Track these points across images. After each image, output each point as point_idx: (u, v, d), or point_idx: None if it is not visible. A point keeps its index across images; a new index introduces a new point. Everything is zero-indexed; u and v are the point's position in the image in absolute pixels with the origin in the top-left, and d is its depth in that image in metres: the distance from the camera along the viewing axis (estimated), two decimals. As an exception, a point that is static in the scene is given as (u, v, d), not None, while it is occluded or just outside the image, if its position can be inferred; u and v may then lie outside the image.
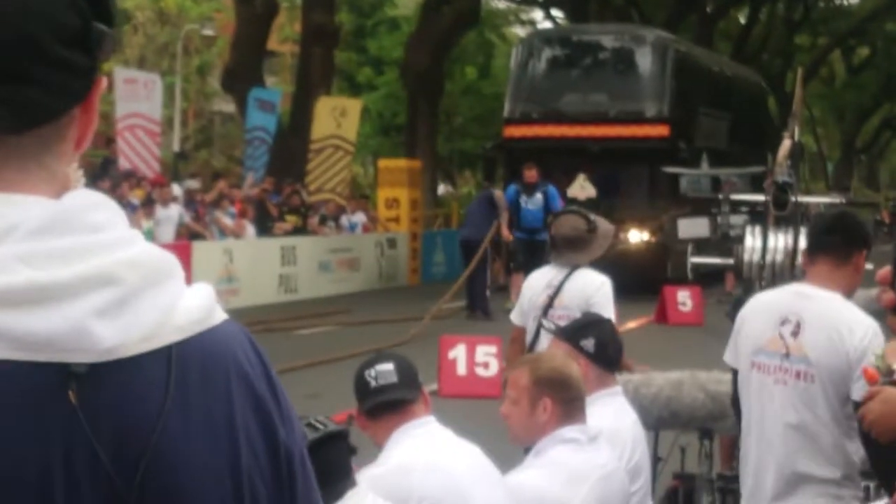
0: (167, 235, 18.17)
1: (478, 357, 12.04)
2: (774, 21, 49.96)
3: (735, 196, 9.70)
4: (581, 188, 22.53)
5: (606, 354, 4.90)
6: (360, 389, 3.80)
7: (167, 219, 18.68)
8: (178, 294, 1.25)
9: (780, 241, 8.78)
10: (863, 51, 58.95)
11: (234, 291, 18.81)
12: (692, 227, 10.21)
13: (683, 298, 18.37)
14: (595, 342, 4.86)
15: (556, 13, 43.83)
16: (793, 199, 8.77)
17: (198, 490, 1.23)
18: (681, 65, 24.31)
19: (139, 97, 21.52)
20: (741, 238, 8.69)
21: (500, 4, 48.20)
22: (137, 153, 21.42)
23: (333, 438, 2.72)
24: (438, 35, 30.26)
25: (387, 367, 3.78)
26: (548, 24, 43.60)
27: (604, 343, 4.90)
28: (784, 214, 8.71)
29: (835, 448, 4.37)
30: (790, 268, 8.42)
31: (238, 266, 19.35)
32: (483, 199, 19.85)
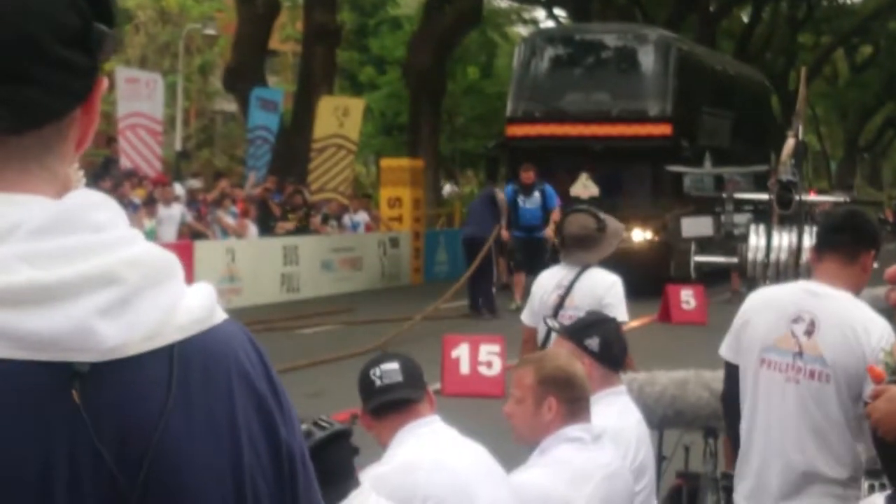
0: (169, 235, 18.17)
1: (481, 356, 12.01)
2: (777, 20, 49.95)
3: (739, 195, 9.69)
4: (584, 187, 22.51)
5: (611, 354, 4.88)
6: (365, 389, 3.79)
7: (169, 218, 18.69)
8: (179, 293, 1.25)
9: (784, 240, 8.76)
10: (866, 49, 58.95)
11: (237, 291, 18.81)
12: (696, 226, 10.21)
13: (687, 297, 18.35)
14: (600, 341, 4.85)
15: (559, 12, 43.84)
16: (797, 198, 8.76)
17: (200, 489, 1.23)
18: (683, 64, 24.28)
19: (141, 96, 21.53)
20: (745, 237, 8.68)
21: (503, 3, 48.24)
22: (139, 152, 21.42)
23: (338, 438, 2.71)
24: (441, 34, 30.25)
25: (392, 367, 3.76)
26: (550, 24, 43.60)
27: (608, 342, 4.88)
28: (788, 213, 8.70)
29: (845, 448, 4.35)
30: (794, 266, 8.40)
31: (240, 265, 19.35)
32: (485, 198, 19.82)
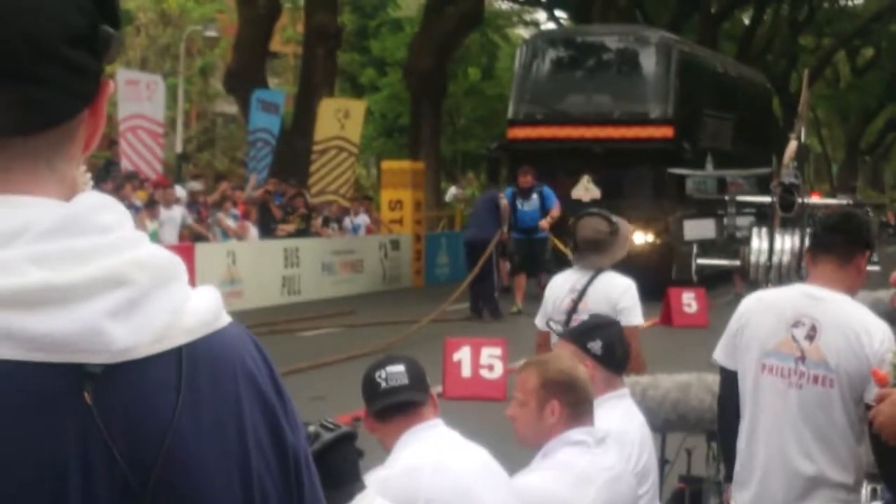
0: (170, 237, 18.16)
1: (482, 359, 12.00)
2: (779, 22, 49.94)
3: (741, 197, 9.67)
4: (585, 190, 22.51)
5: (614, 356, 4.87)
6: (370, 391, 3.78)
7: (170, 220, 18.68)
8: (185, 296, 1.26)
9: (787, 243, 8.74)
10: (867, 52, 58.97)
11: (238, 293, 18.79)
12: (698, 229, 10.19)
13: (688, 300, 18.34)
14: (602, 344, 4.84)
15: (560, 14, 43.86)
16: (799, 201, 8.75)
17: (210, 490, 1.23)
18: (685, 66, 24.27)
19: (141, 98, 21.52)
20: (747, 239, 8.67)
21: (504, 5, 48.28)
22: (140, 155, 21.42)
23: (345, 440, 2.71)
24: (442, 36, 30.24)
25: (397, 369, 3.76)
26: (551, 25, 43.63)
27: (611, 345, 4.87)
28: (790, 216, 8.68)
29: (849, 452, 4.34)
30: (797, 269, 8.39)
31: (241, 268, 19.34)
32: (488, 201, 19.79)
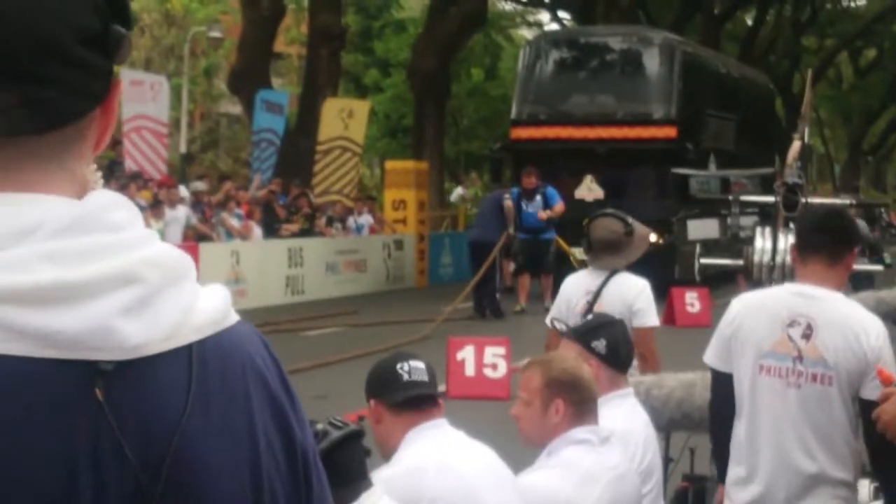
0: (174, 237, 18.18)
1: (486, 358, 12.01)
2: (782, 22, 49.91)
3: (745, 197, 9.66)
4: (588, 190, 22.52)
5: (618, 356, 4.88)
6: (390, 382, 3.75)
7: (174, 220, 18.71)
8: (195, 294, 1.26)
9: (791, 242, 8.74)
10: (870, 53, 58.92)
11: (242, 293, 18.80)
12: (702, 229, 10.19)
13: (691, 300, 18.34)
14: (606, 343, 4.85)
15: (563, 15, 43.85)
16: (802, 201, 8.74)
17: (220, 487, 1.23)
18: (688, 66, 24.26)
19: (146, 99, 21.55)
20: (751, 239, 8.66)
21: (507, 6, 48.29)
22: (144, 155, 21.44)
23: (353, 438, 2.71)
24: (445, 37, 30.24)
25: (419, 365, 3.77)
26: (554, 26, 43.63)
27: (615, 344, 4.88)
28: (794, 215, 8.68)
29: (849, 449, 4.35)
30: (800, 269, 8.39)
31: (245, 267, 19.35)
32: (493, 202, 19.79)
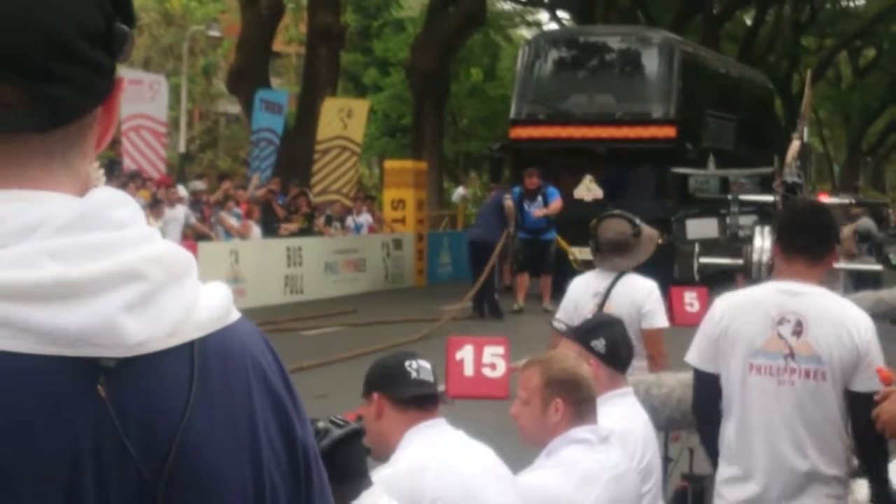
0: (173, 236, 18.17)
1: (485, 358, 12.00)
2: (781, 22, 49.92)
3: (744, 197, 9.66)
4: (587, 190, 22.51)
5: (617, 355, 4.88)
6: (397, 377, 3.74)
7: (173, 219, 18.72)
8: (197, 291, 1.28)
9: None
10: (869, 53, 58.92)
11: (241, 292, 18.79)
12: (701, 228, 10.20)
13: (690, 299, 18.34)
14: (606, 343, 4.85)
15: (562, 14, 43.85)
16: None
17: (222, 484, 1.24)
18: (687, 66, 24.26)
19: (144, 98, 21.54)
20: (750, 239, 8.66)
21: (506, 6, 48.28)
22: (143, 154, 21.44)
23: (354, 436, 2.71)
24: (444, 36, 30.25)
25: (426, 365, 3.78)
26: (554, 26, 43.62)
27: (614, 344, 4.88)
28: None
29: (842, 445, 4.38)
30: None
31: (244, 267, 19.35)
32: (494, 202, 19.80)
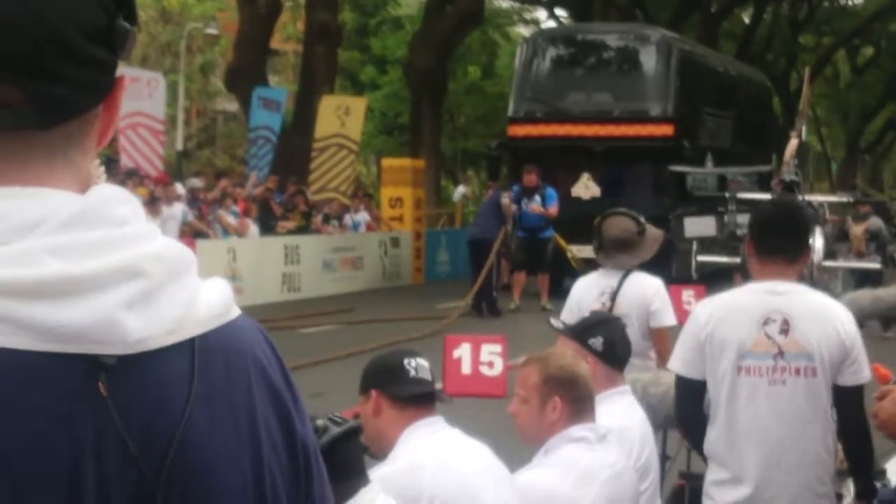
0: (171, 234, 18.08)
1: (482, 356, 12.00)
2: (779, 20, 49.93)
3: (741, 195, 9.66)
4: (585, 188, 22.52)
5: (615, 353, 4.89)
6: (396, 375, 3.73)
7: (171, 217, 18.71)
8: (197, 288, 1.28)
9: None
10: (867, 51, 58.91)
11: (238, 290, 18.78)
12: (699, 226, 10.21)
13: (688, 298, 18.32)
14: (603, 341, 4.85)
15: (560, 12, 43.86)
16: (800, 198, 8.75)
17: (222, 480, 1.24)
18: (685, 64, 24.27)
19: (142, 96, 21.53)
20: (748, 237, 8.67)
21: (504, 4, 48.25)
22: (140, 151, 21.44)
23: (352, 434, 2.71)
24: (442, 34, 30.25)
25: (424, 363, 3.78)
26: (551, 24, 43.61)
27: (612, 342, 4.88)
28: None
29: (834, 439, 4.40)
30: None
31: (241, 265, 19.35)
32: (492, 201, 19.81)
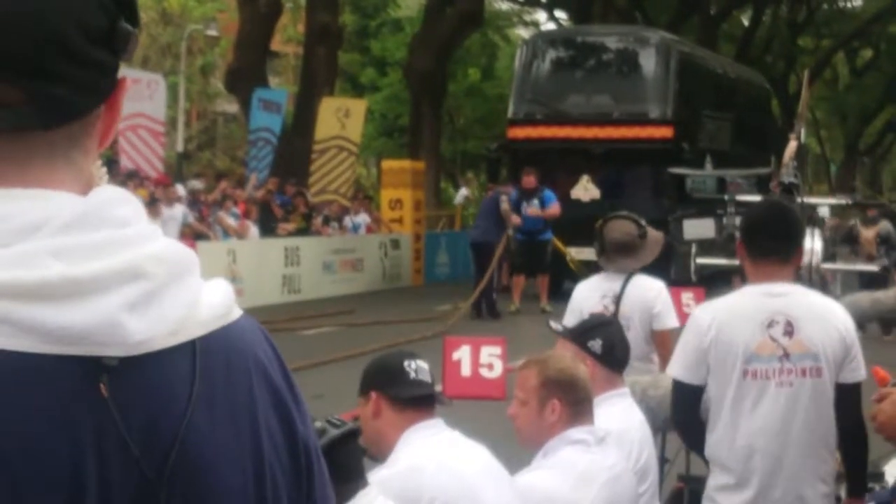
0: (171, 236, 17.90)
1: (482, 358, 11.99)
2: (778, 23, 49.93)
3: (741, 197, 9.66)
4: (584, 190, 22.52)
5: (614, 355, 4.89)
6: (396, 377, 3.74)
7: (171, 219, 18.70)
8: (199, 289, 1.28)
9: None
10: (866, 53, 58.89)
11: (238, 292, 18.60)
12: (698, 228, 10.19)
13: (687, 300, 18.31)
14: (602, 343, 4.86)
15: (560, 14, 43.84)
16: (798, 201, 8.74)
17: (224, 481, 1.25)
18: (684, 66, 24.26)
19: (142, 97, 21.53)
20: (744, 238, 8.68)
21: (504, 6, 48.25)
22: (140, 153, 21.44)
23: (351, 436, 2.71)
24: (442, 36, 30.25)
25: (424, 366, 3.78)
26: (551, 26, 43.61)
27: (611, 344, 4.89)
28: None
29: (833, 437, 4.41)
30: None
31: (242, 266, 19.35)
32: (491, 202, 19.78)
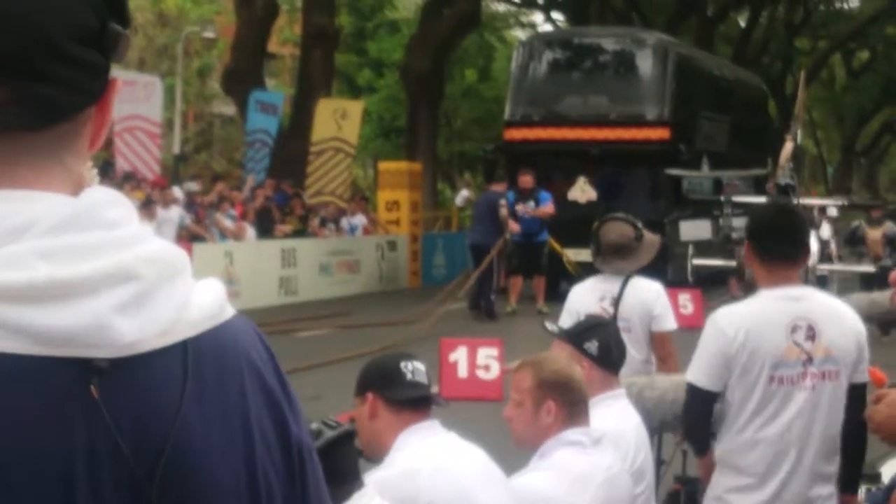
0: (168, 237, 18.04)
1: (479, 359, 12.00)
2: (775, 24, 49.99)
3: (737, 198, 9.66)
4: (581, 191, 22.53)
5: (610, 357, 4.88)
6: (393, 378, 3.73)
7: (168, 221, 18.69)
8: (190, 290, 1.28)
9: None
10: (863, 54, 58.99)
11: (235, 294, 18.79)
12: (694, 230, 10.22)
13: (684, 301, 18.33)
14: (598, 345, 4.84)
15: (557, 16, 43.92)
16: (795, 202, 8.74)
17: (216, 481, 1.24)
18: (681, 68, 24.27)
19: (139, 99, 21.52)
20: (743, 240, 8.67)
21: (501, 7, 48.26)
22: (137, 154, 21.43)
23: (347, 438, 2.71)
24: (439, 38, 30.24)
25: (421, 367, 3.78)
26: (548, 27, 43.63)
27: (607, 345, 4.88)
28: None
29: (839, 437, 4.42)
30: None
31: (238, 268, 19.34)
32: (490, 204, 19.75)
